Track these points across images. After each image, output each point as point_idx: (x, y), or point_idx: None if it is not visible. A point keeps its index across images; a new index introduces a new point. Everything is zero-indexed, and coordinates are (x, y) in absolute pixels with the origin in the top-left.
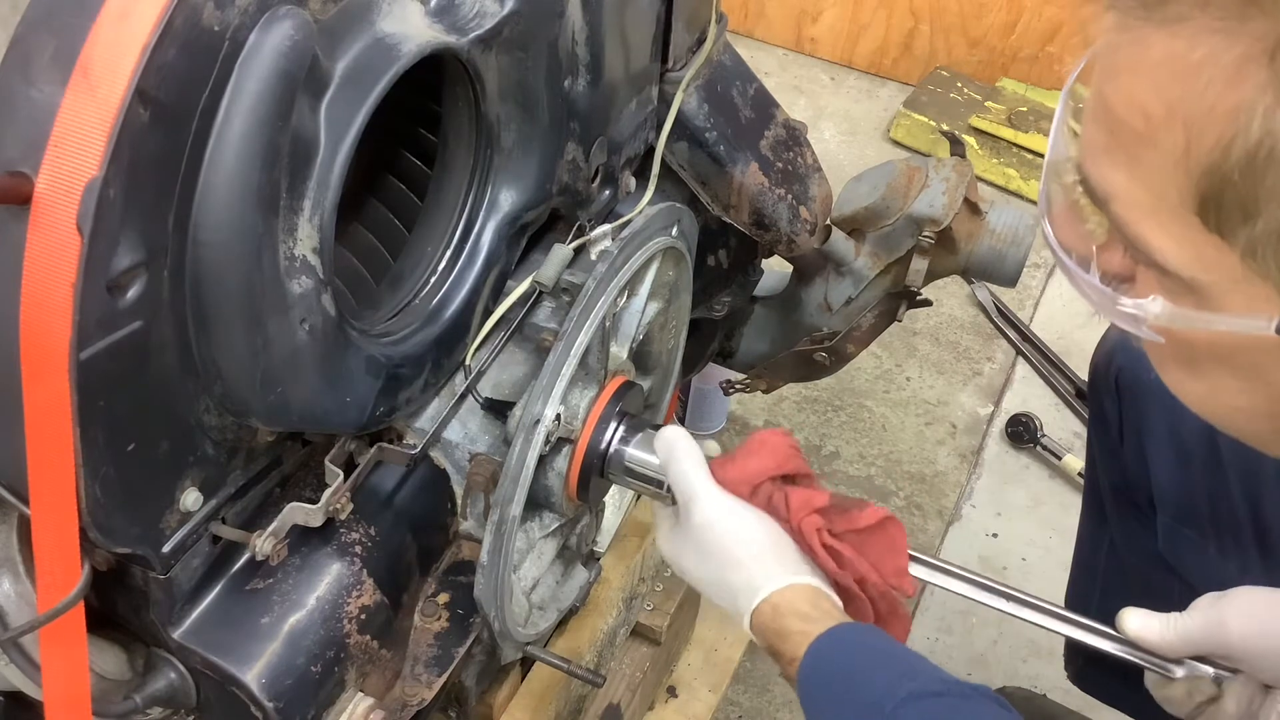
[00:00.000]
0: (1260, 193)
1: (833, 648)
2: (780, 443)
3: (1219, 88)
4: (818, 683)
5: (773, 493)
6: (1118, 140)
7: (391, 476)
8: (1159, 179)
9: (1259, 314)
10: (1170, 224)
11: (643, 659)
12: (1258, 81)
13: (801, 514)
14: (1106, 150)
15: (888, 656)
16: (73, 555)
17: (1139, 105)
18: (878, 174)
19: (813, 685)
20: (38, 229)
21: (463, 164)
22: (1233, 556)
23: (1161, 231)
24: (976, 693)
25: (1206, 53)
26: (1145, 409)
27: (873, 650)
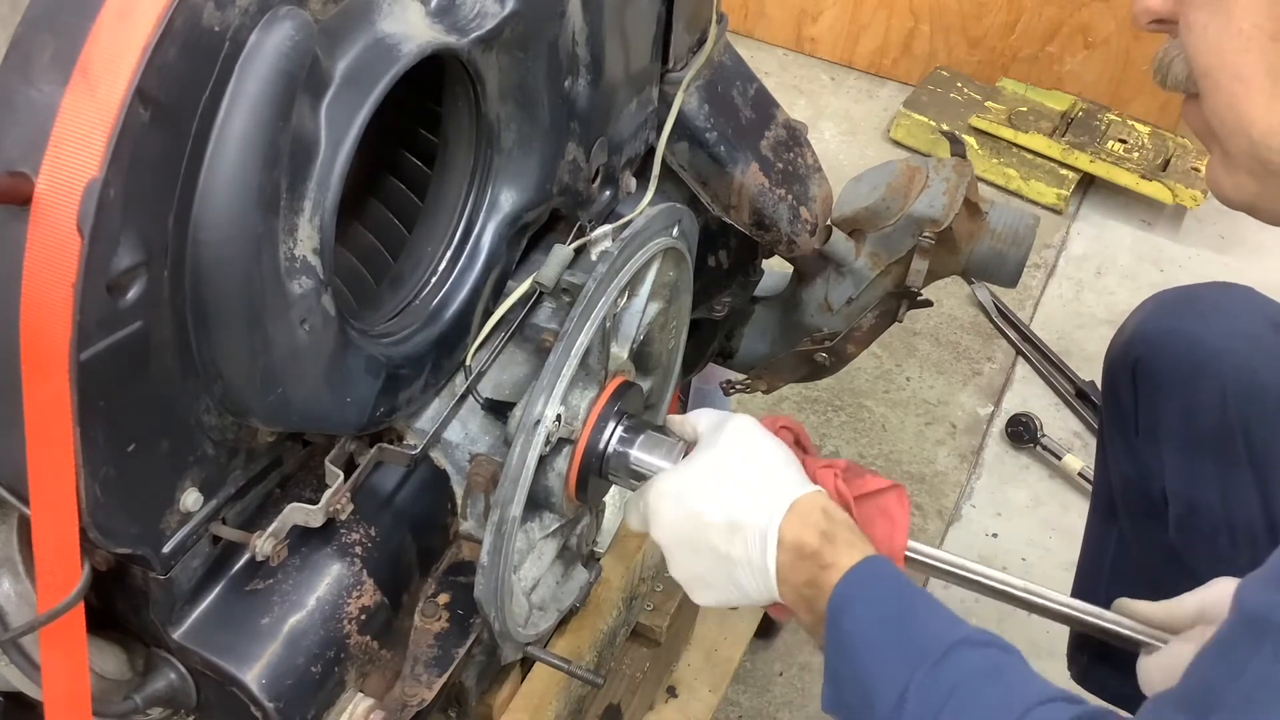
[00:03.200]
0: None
1: (875, 577)
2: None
3: None
4: (857, 607)
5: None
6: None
7: (392, 477)
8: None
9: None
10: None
11: (643, 659)
12: None
13: (817, 466)
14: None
15: (931, 603)
16: (73, 555)
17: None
18: (878, 174)
19: (849, 607)
20: (38, 229)
21: (463, 164)
22: (1244, 548)
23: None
24: (1014, 651)
25: None
26: (1161, 400)
27: (915, 595)
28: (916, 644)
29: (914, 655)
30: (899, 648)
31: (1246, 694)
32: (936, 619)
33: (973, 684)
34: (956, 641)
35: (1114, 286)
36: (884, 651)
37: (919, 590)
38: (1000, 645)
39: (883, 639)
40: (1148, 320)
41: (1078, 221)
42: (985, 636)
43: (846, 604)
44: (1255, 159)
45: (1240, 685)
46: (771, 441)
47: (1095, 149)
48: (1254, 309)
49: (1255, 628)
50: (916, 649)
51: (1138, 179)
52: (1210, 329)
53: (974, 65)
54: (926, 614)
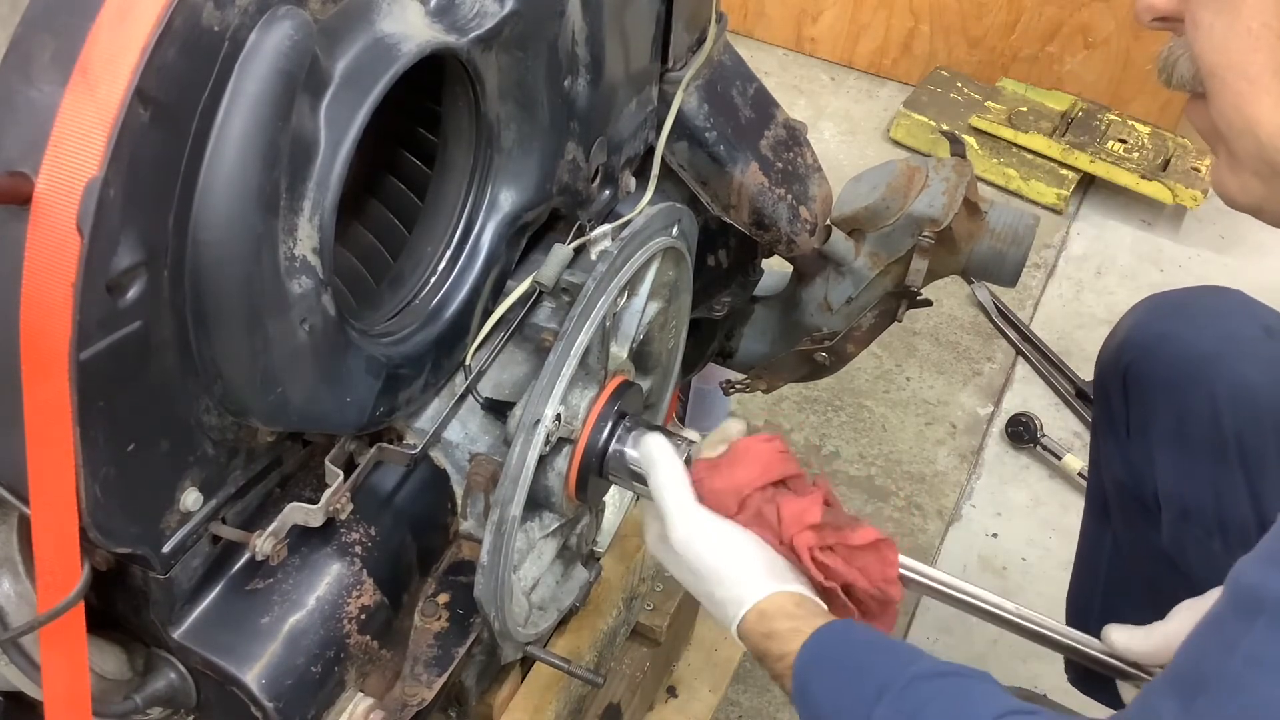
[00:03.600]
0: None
1: (830, 640)
2: (765, 450)
3: None
4: (816, 675)
5: (762, 505)
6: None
7: (391, 476)
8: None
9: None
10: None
11: (643, 659)
12: None
13: (793, 529)
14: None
15: (887, 645)
16: (73, 555)
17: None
18: (878, 174)
19: (810, 678)
20: (38, 229)
21: (463, 164)
22: (1238, 552)
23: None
24: (979, 674)
25: None
26: (1152, 404)
27: (871, 641)
28: (877, 684)
29: (875, 692)
30: (860, 693)
31: (1237, 672)
32: (895, 658)
33: (935, 707)
34: (916, 675)
35: (1114, 286)
36: (848, 700)
37: (877, 636)
38: (959, 672)
39: (845, 691)
40: (1139, 324)
41: (1078, 221)
42: (944, 666)
43: (807, 677)
44: (1262, 160)
45: (1231, 663)
46: (712, 551)
47: (1095, 149)
48: (1245, 313)
49: (1249, 604)
50: (877, 688)
51: (1138, 179)
52: (1202, 333)
53: (974, 65)
54: (884, 656)
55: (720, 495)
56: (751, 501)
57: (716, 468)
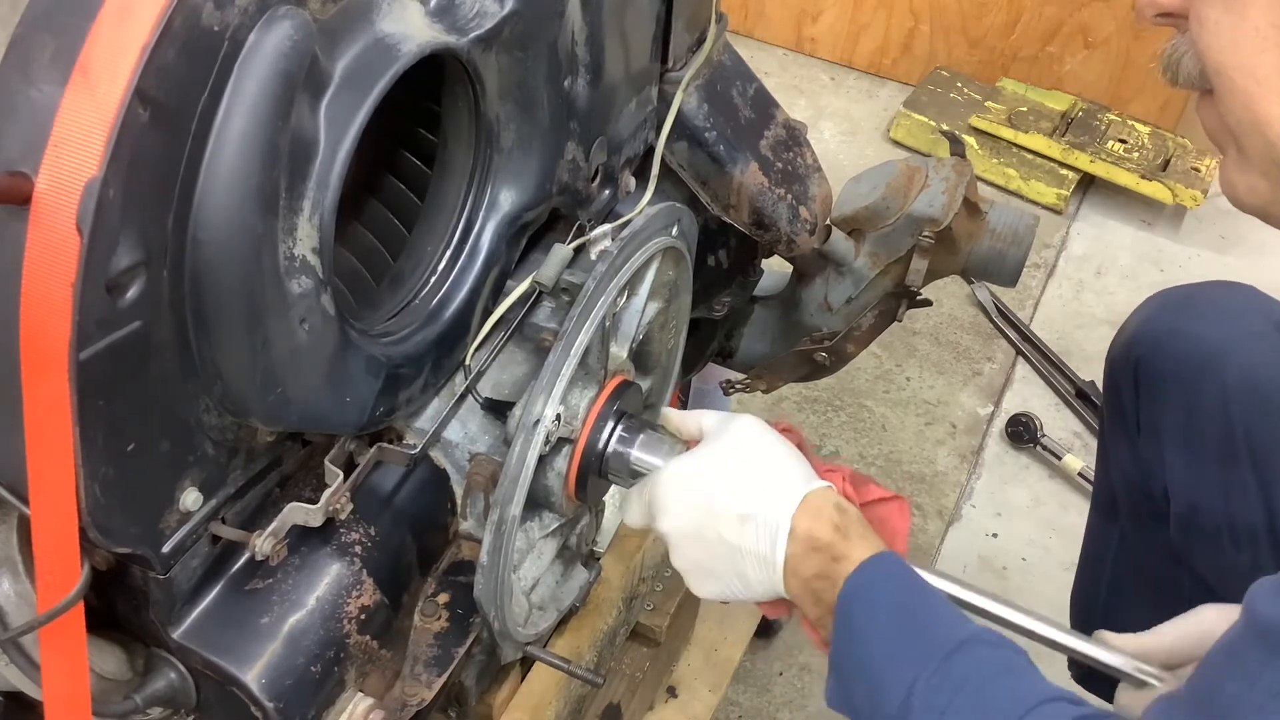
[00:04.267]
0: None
1: (888, 573)
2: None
3: None
4: (867, 602)
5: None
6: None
7: (391, 476)
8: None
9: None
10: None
11: (643, 659)
12: None
13: (824, 469)
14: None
15: (940, 600)
16: (73, 555)
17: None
18: (878, 174)
19: (859, 601)
20: (37, 229)
21: (462, 164)
22: (1245, 549)
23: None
24: (1023, 651)
25: None
26: (1163, 400)
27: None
28: (925, 640)
29: (922, 651)
30: (908, 643)
31: (1258, 704)
32: (946, 616)
33: (979, 681)
34: (965, 639)
35: (1114, 286)
36: (892, 647)
37: (929, 587)
38: (1008, 645)
39: (892, 634)
40: (1149, 319)
41: (1078, 221)
42: (993, 636)
43: (857, 597)
44: (1270, 161)
45: (1253, 696)
46: (779, 438)
47: (1095, 149)
48: (1256, 308)
49: (1270, 638)
50: (925, 645)
51: (1138, 179)
52: (1212, 328)
53: (974, 65)
54: (936, 611)
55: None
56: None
57: None
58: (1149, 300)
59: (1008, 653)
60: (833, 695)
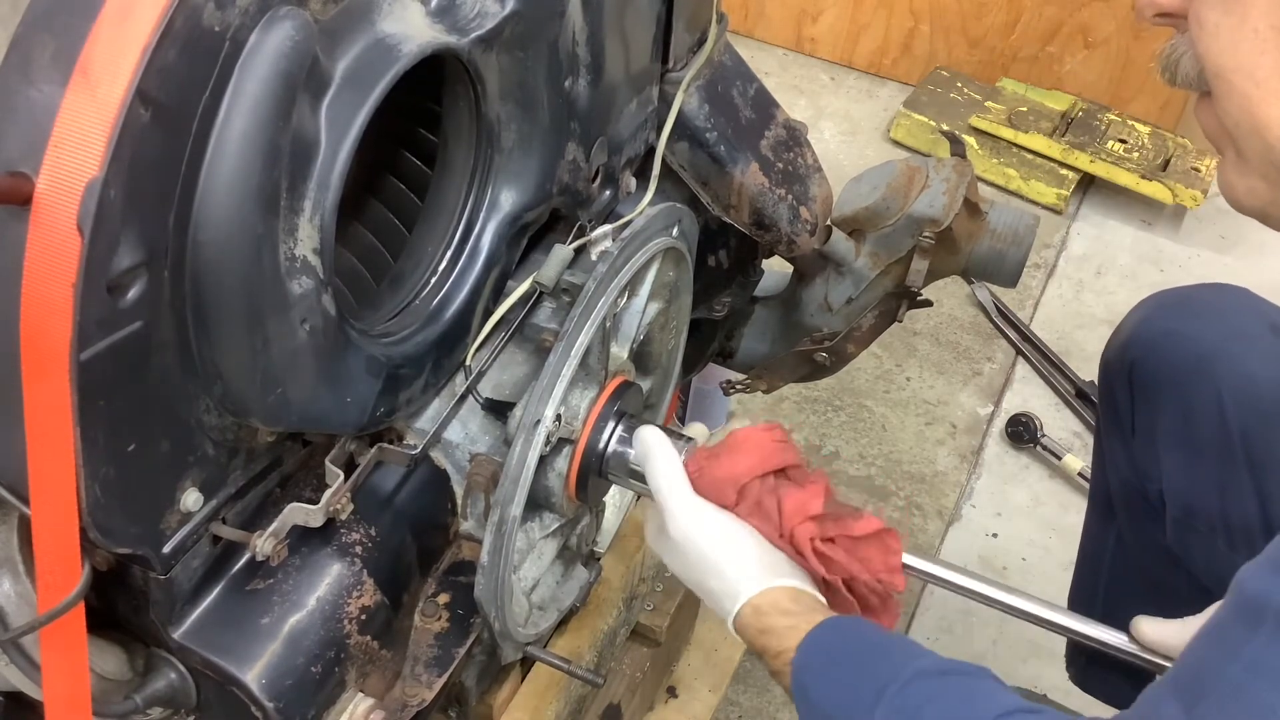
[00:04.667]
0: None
1: (828, 638)
2: (763, 439)
3: None
4: (816, 670)
5: (763, 495)
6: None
7: (392, 477)
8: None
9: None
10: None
11: (643, 659)
12: None
13: (795, 520)
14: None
15: (887, 641)
16: (73, 555)
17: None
18: (878, 174)
19: (810, 673)
20: (38, 229)
21: (463, 164)
22: (1242, 550)
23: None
24: (981, 671)
25: None
26: (1158, 402)
27: (871, 637)
28: (878, 682)
29: (877, 689)
30: (861, 691)
31: (1239, 678)
32: (895, 654)
33: (939, 703)
34: (918, 671)
35: (1114, 286)
36: (850, 695)
37: (877, 632)
38: (961, 669)
39: (845, 688)
40: (1144, 322)
41: (1078, 221)
42: (945, 664)
43: (806, 676)
44: (1269, 163)
45: (1234, 669)
46: (708, 543)
47: (1095, 149)
48: (1251, 310)
49: (1253, 611)
50: (878, 686)
51: (1138, 179)
52: (1207, 330)
53: (974, 65)
54: (884, 652)
55: (719, 484)
56: (751, 491)
57: (715, 456)
58: (1144, 302)
59: (957, 677)
60: None
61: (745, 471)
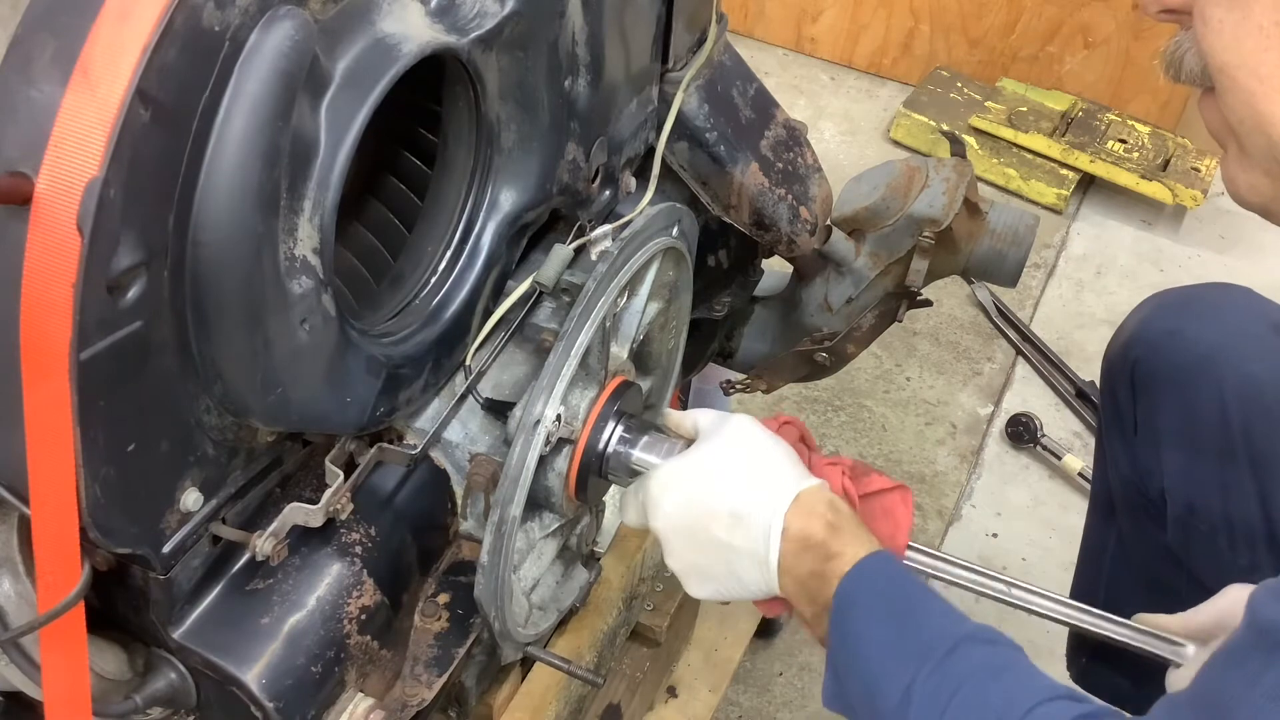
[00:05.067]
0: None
1: (881, 573)
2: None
3: None
4: (863, 604)
5: (795, 443)
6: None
7: (392, 477)
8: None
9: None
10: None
11: (643, 659)
12: None
13: (823, 463)
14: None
15: (937, 600)
16: (73, 555)
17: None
18: (878, 174)
19: (855, 603)
20: (38, 229)
21: (463, 164)
22: (1243, 550)
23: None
24: (1019, 648)
25: None
26: (1160, 401)
27: (921, 591)
28: (922, 640)
29: (920, 651)
30: (905, 643)
31: (1259, 705)
32: (942, 615)
33: (978, 680)
34: (962, 638)
35: (1114, 286)
36: (890, 647)
37: (925, 586)
38: (1005, 642)
39: (889, 635)
40: (1146, 321)
41: (1078, 221)
42: (991, 634)
43: (852, 598)
44: (1273, 159)
45: (1253, 696)
46: (773, 438)
47: (1095, 149)
48: (1252, 310)
49: (1270, 640)
50: (922, 645)
51: (1138, 179)
52: (1209, 329)
53: (974, 65)
54: (932, 610)
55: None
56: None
57: None
58: (1145, 302)
59: (1006, 650)
60: (829, 694)
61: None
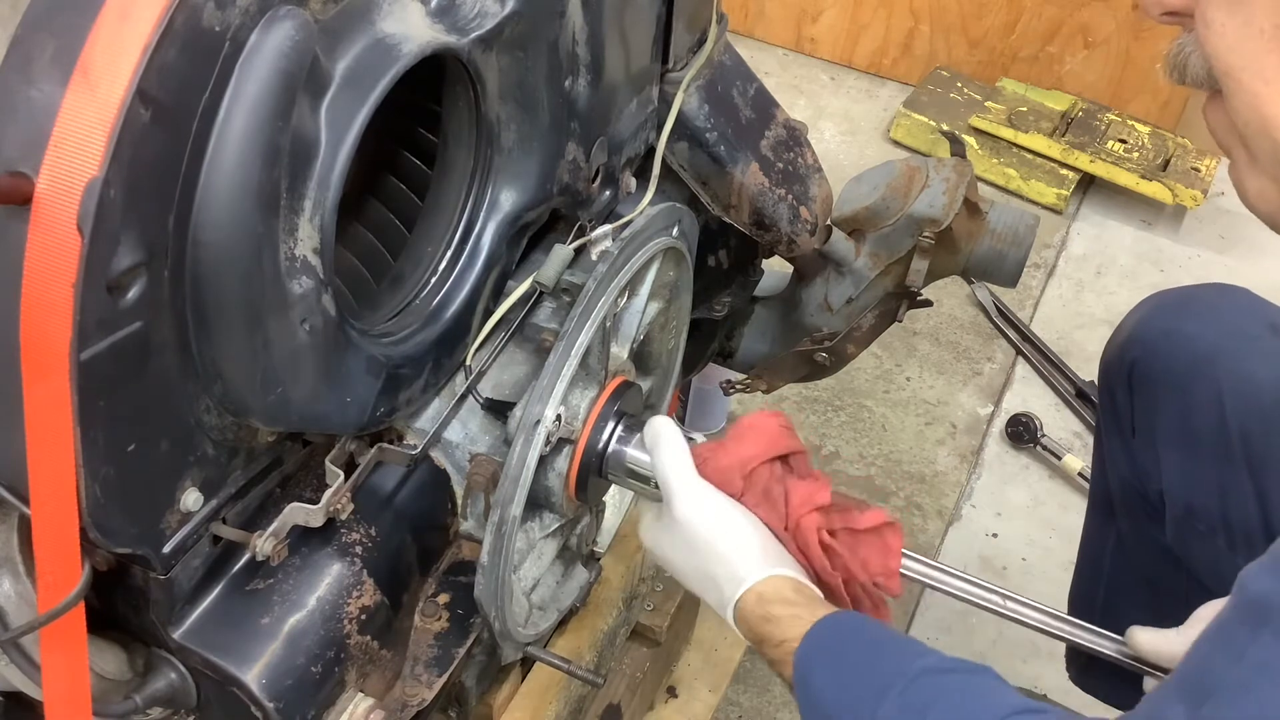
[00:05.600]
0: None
1: (833, 631)
2: (769, 424)
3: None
4: (819, 667)
5: (771, 483)
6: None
7: (392, 477)
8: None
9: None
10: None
11: (643, 659)
12: None
13: (802, 510)
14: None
15: (891, 638)
16: (73, 555)
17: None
18: (878, 174)
19: (813, 669)
20: (38, 229)
21: (463, 164)
22: (1241, 550)
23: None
24: (985, 670)
25: None
26: (1158, 402)
27: (876, 632)
28: (883, 679)
29: (882, 687)
30: (865, 688)
31: (1244, 679)
32: (900, 651)
33: (944, 702)
34: (924, 669)
35: (1114, 286)
36: (852, 695)
37: (881, 626)
38: (969, 666)
39: (850, 685)
40: (1144, 321)
41: (1078, 221)
42: (951, 662)
43: (809, 668)
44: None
45: (1238, 670)
46: (711, 527)
47: (1095, 149)
48: (1251, 310)
49: (1257, 612)
50: (882, 684)
51: (1138, 179)
52: (1207, 330)
53: (974, 65)
54: (889, 650)
55: (725, 472)
56: (758, 477)
57: (721, 445)
58: (1143, 303)
59: (962, 675)
60: None
61: (752, 457)
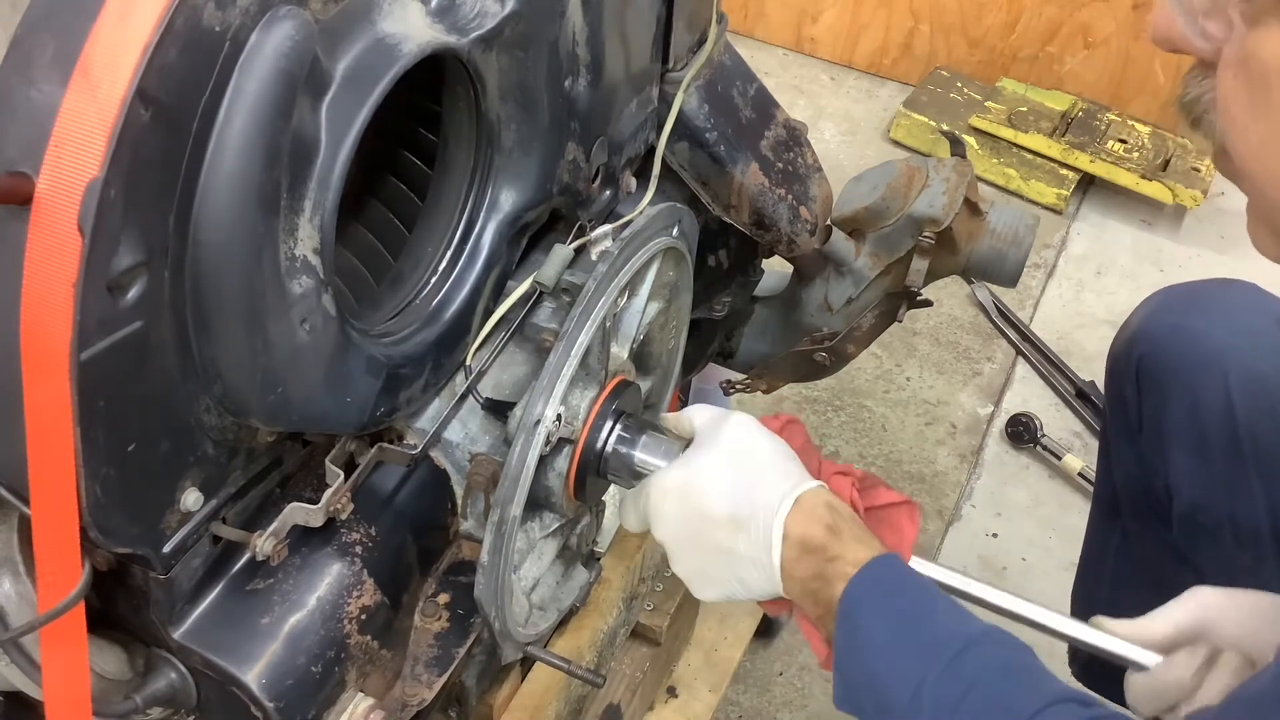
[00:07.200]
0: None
1: (893, 574)
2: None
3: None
4: (871, 605)
5: (806, 445)
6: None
7: (392, 477)
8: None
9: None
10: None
11: (643, 659)
12: None
13: (831, 470)
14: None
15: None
16: (73, 555)
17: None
18: (878, 174)
19: (863, 602)
20: (38, 229)
21: (463, 164)
22: (1248, 547)
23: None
24: (1029, 648)
25: None
26: (1165, 397)
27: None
28: (931, 642)
29: (929, 653)
30: (913, 646)
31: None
32: (951, 615)
33: (989, 681)
34: (972, 638)
35: (1114, 286)
36: (898, 650)
37: (932, 588)
38: (1014, 644)
39: (897, 636)
40: (1152, 316)
41: (1078, 221)
42: (999, 634)
43: (859, 600)
44: None
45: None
46: (770, 437)
47: (1095, 149)
48: (1258, 305)
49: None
50: (931, 647)
51: (1138, 179)
52: (1214, 325)
53: (974, 65)
54: (941, 612)
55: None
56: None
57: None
58: (1151, 298)
59: (1016, 652)
60: (839, 699)
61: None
